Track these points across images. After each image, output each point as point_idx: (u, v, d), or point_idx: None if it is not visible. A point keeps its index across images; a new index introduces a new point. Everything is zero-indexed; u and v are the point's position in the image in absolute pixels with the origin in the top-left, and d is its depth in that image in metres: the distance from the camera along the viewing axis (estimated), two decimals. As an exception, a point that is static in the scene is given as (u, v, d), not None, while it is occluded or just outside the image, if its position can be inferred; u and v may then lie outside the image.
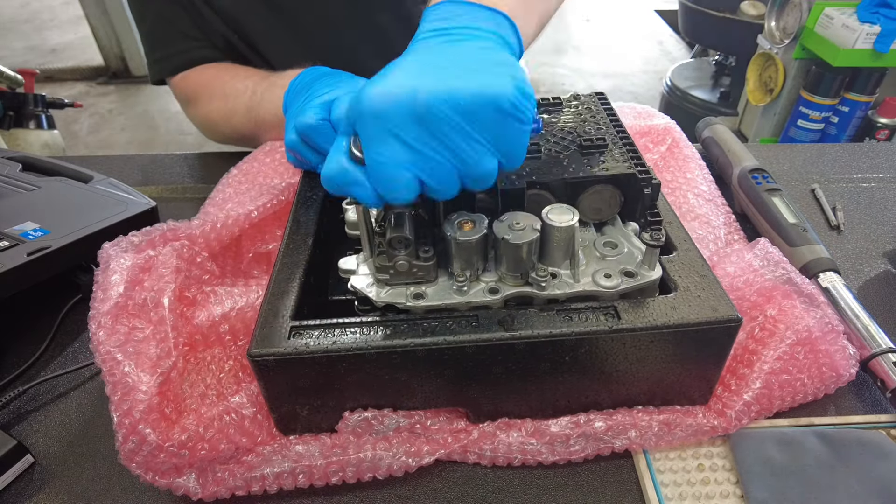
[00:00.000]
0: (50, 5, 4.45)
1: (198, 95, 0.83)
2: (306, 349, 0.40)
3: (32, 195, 0.66)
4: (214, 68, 0.82)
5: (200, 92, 0.82)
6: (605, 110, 0.55)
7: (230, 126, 0.81)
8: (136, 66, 3.47)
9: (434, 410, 0.46)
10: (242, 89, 0.77)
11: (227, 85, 0.80)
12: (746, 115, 1.86)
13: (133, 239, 0.52)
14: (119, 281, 0.47)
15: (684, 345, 0.43)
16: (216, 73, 0.82)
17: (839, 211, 0.73)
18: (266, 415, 0.45)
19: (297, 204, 0.56)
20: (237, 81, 0.79)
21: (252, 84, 0.76)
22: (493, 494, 0.45)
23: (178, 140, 2.96)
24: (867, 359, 0.50)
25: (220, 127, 0.83)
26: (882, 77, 1.56)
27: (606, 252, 0.46)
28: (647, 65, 3.52)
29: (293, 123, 0.58)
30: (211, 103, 0.81)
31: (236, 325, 0.50)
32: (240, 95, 0.76)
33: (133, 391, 0.41)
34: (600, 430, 0.45)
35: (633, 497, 0.44)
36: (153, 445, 0.40)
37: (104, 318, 0.45)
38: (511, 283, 0.44)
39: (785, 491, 0.42)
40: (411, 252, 0.43)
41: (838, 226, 0.71)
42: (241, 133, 0.81)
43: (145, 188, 0.79)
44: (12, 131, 1.50)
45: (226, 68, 0.82)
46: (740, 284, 0.53)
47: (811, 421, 0.48)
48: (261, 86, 0.75)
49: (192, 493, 0.42)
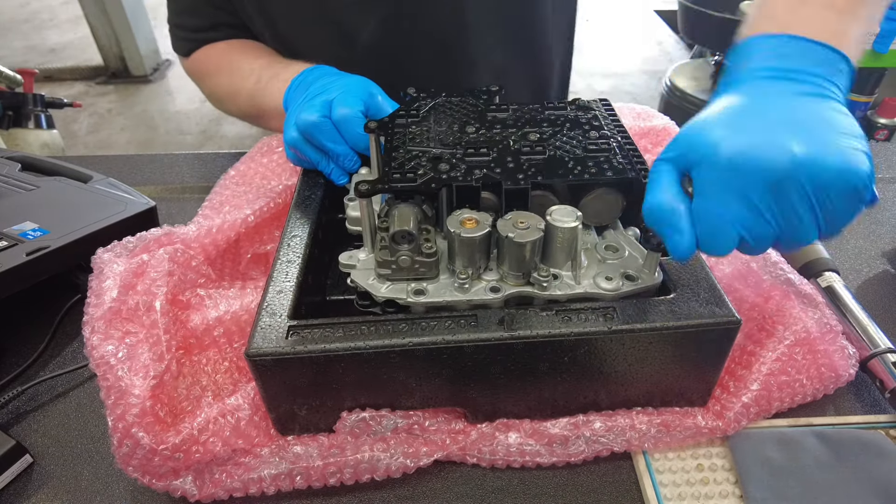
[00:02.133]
0: (49, 5, 4.45)
1: (209, 72, 0.82)
2: (304, 349, 0.40)
3: (31, 195, 0.66)
4: (226, 44, 0.81)
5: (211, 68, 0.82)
6: (608, 115, 0.55)
7: (235, 105, 0.81)
8: (135, 65, 3.46)
9: (432, 411, 0.46)
10: (248, 72, 0.75)
11: (234, 63, 0.79)
12: (746, 116, 1.85)
13: (128, 244, 0.52)
14: (112, 286, 0.47)
15: (683, 346, 0.43)
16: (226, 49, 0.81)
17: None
18: (263, 416, 0.45)
19: (295, 203, 0.56)
20: (244, 61, 0.77)
21: (258, 68, 0.75)
22: (492, 495, 0.45)
23: (178, 140, 2.95)
24: (866, 359, 0.50)
25: (225, 104, 0.83)
26: (881, 77, 1.56)
27: (607, 255, 0.46)
28: (647, 65, 3.52)
29: (294, 120, 0.58)
30: (219, 78, 0.81)
31: (231, 328, 0.50)
32: (246, 78, 0.75)
33: (126, 395, 0.41)
34: (599, 431, 0.45)
35: (632, 497, 0.44)
36: (147, 449, 0.40)
37: (98, 324, 0.45)
38: (512, 282, 0.44)
39: (784, 491, 0.42)
40: (414, 247, 0.43)
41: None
42: (245, 114, 0.81)
43: (144, 188, 0.79)
44: (11, 131, 1.50)
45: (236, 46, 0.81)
46: (739, 285, 0.53)
47: (810, 421, 0.48)
48: (266, 73, 0.74)
49: (189, 494, 0.42)
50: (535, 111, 0.55)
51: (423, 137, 0.51)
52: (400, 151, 0.49)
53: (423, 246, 0.43)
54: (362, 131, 0.54)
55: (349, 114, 0.56)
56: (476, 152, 0.48)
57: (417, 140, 0.51)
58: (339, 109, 0.56)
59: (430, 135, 0.52)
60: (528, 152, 0.48)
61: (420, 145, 0.50)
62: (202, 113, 3.13)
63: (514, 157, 0.48)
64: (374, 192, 0.44)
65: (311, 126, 0.56)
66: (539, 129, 0.52)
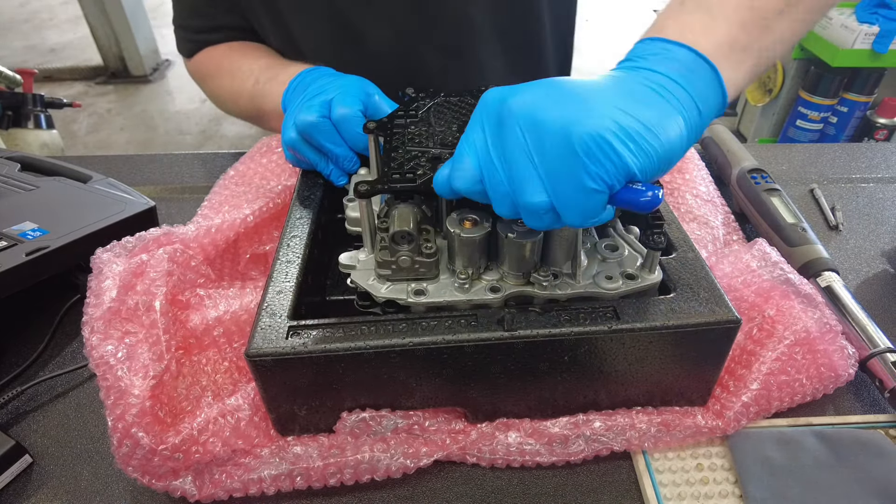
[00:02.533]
0: (49, 5, 4.45)
1: (210, 73, 0.82)
2: (304, 349, 0.40)
3: (31, 195, 0.66)
4: (227, 46, 0.81)
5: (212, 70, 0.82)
6: None
7: (236, 106, 0.81)
8: (134, 65, 3.47)
9: (432, 411, 0.46)
10: (248, 73, 0.75)
11: (234, 64, 0.79)
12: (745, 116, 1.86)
13: (127, 244, 0.52)
14: (111, 286, 0.47)
15: (683, 346, 0.43)
16: (227, 50, 0.81)
17: (838, 211, 0.73)
18: (262, 416, 0.45)
19: (294, 204, 0.56)
20: (244, 62, 0.78)
21: (257, 70, 0.75)
22: (492, 495, 0.45)
23: (177, 140, 2.96)
24: (866, 359, 0.50)
25: (227, 105, 0.83)
26: (881, 77, 1.56)
27: (607, 255, 0.46)
28: (647, 65, 3.52)
29: (293, 121, 0.58)
30: (220, 80, 0.81)
31: (230, 328, 0.50)
32: (245, 79, 0.75)
33: (126, 395, 0.41)
34: (599, 431, 0.45)
35: (632, 497, 0.44)
36: (146, 449, 0.40)
37: (97, 324, 0.45)
38: (513, 281, 0.44)
39: (784, 491, 0.42)
40: (414, 248, 0.43)
41: (837, 226, 0.71)
42: (246, 115, 0.81)
43: (144, 188, 0.79)
44: (11, 131, 1.50)
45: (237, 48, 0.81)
46: (738, 285, 0.53)
47: (810, 421, 0.48)
48: (264, 75, 0.74)
49: (189, 495, 0.42)
50: None
51: (422, 137, 0.51)
52: (399, 152, 0.49)
53: (422, 246, 0.43)
54: (361, 131, 0.54)
55: (348, 113, 0.56)
56: None
57: (416, 140, 0.51)
58: (338, 109, 0.56)
59: (430, 135, 0.51)
60: None
61: (419, 145, 0.50)
62: (202, 113, 3.13)
63: None
64: (374, 193, 0.44)
65: (309, 126, 0.56)
66: None
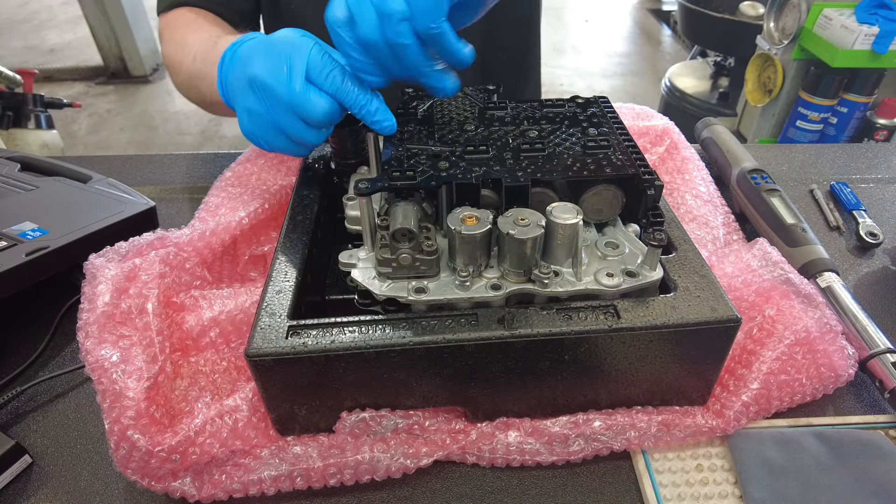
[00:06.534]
0: (49, 5, 4.45)
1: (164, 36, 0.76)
2: (304, 349, 0.40)
3: (31, 195, 0.66)
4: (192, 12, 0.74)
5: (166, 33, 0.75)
6: (608, 113, 0.55)
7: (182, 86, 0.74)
8: (134, 65, 3.46)
9: (432, 410, 0.46)
10: (191, 45, 0.67)
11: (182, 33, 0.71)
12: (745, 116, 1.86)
13: (119, 249, 0.52)
14: (105, 290, 0.47)
15: (683, 345, 0.43)
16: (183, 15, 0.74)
17: (838, 211, 0.73)
18: (261, 417, 0.45)
19: (293, 203, 0.55)
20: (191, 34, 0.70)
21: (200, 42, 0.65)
22: (492, 495, 0.45)
23: (177, 140, 2.95)
24: (865, 359, 0.50)
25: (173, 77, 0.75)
26: (881, 78, 1.56)
27: (608, 252, 0.46)
28: (646, 65, 3.52)
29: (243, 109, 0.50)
30: (168, 47, 0.74)
31: (227, 328, 0.50)
32: (186, 53, 0.68)
33: (121, 398, 0.41)
34: (599, 430, 0.45)
35: (631, 497, 0.44)
36: (143, 451, 0.40)
37: (91, 328, 0.45)
38: (513, 279, 0.44)
39: (783, 491, 0.42)
40: (415, 245, 0.43)
41: (837, 226, 0.71)
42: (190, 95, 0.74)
43: (144, 188, 0.79)
44: (11, 131, 1.50)
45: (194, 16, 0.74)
46: (739, 284, 0.53)
47: (810, 421, 0.48)
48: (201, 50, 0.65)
49: (189, 496, 0.42)
50: (533, 108, 0.55)
51: (422, 136, 0.51)
52: (399, 150, 0.49)
53: (423, 244, 0.43)
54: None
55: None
56: (475, 150, 0.48)
57: (416, 138, 0.51)
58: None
59: (430, 133, 0.52)
60: (527, 149, 0.48)
61: (419, 143, 0.50)
62: (202, 113, 3.13)
63: (514, 155, 0.48)
64: (374, 191, 0.44)
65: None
66: (538, 126, 0.52)
